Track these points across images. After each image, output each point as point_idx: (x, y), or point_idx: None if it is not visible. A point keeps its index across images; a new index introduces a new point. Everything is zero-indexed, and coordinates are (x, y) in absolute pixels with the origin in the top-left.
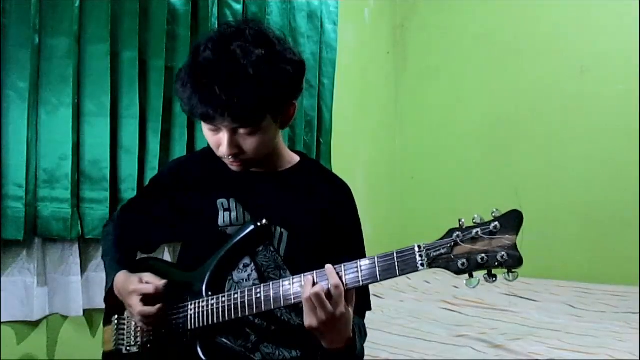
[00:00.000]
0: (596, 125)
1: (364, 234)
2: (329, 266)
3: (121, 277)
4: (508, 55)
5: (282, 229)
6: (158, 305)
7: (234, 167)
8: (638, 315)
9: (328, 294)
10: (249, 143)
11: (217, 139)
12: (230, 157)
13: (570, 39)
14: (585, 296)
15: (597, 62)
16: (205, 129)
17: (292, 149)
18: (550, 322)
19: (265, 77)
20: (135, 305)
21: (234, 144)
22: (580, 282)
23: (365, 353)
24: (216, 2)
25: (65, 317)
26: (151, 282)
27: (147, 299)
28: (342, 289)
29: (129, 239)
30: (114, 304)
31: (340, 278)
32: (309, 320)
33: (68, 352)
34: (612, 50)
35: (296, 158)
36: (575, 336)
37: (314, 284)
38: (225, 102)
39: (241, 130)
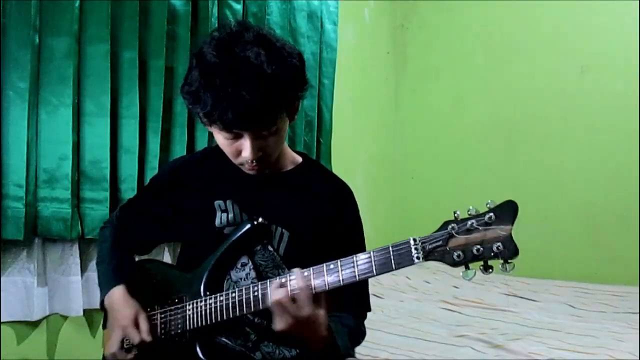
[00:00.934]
0: (596, 125)
1: (364, 234)
2: (296, 269)
3: (118, 295)
4: (508, 55)
5: (284, 230)
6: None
7: (252, 172)
8: (638, 315)
9: (295, 297)
10: (270, 144)
11: (236, 147)
12: (253, 161)
13: (570, 39)
14: (585, 296)
15: (597, 62)
16: (220, 138)
17: (293, 149)
18: (550, 322)
19: (280, 74)
20: (114, 341)
21: (257, 147)
22: (580, 282)
23: (365, 353)
24: (216, 2)
25: (65, 317)
26: (141, 329)
27: (126, 343)
28: (309, 292)
29: (129, 239)
30: None
31: (338, 275)
32: (278, 324)
33: (68, 352)
34: (612, 50)
35: (298, 159)
36: (575, 336)
37: (281, 287)
38: (257, 105)
39: (264, 132)
